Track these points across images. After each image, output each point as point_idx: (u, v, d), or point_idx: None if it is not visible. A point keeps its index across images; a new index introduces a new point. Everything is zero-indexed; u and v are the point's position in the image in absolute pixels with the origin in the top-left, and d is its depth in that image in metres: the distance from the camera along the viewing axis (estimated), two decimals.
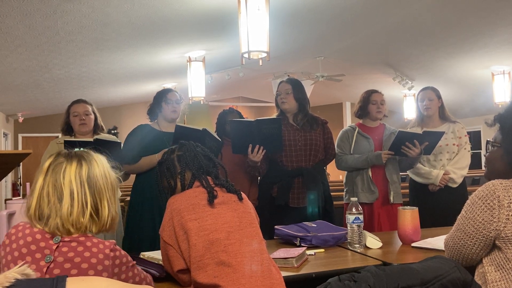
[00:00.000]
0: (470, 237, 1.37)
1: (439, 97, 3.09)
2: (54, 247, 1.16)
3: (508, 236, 1.30)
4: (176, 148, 1.63)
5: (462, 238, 1.39)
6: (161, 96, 2.77)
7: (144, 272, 1.37)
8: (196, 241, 1.38)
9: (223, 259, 1.36)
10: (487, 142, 1.50)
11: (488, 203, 1.32)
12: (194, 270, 1.36)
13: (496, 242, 1.34)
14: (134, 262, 1.30)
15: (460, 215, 1.43)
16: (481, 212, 1.33)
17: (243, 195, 1.57)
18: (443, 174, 2.93)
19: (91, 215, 1.21)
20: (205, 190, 1.50)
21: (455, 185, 2.97)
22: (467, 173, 3.06)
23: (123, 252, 1.25)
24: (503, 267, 1.32)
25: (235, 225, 1.44)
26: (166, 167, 1.60)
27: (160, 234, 1.47)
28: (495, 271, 1.34)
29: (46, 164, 1.24)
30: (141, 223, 2.63)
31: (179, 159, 1.59)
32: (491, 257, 1.37)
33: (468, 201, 1.40)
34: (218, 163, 1.63)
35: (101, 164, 1.27)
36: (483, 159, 1.56)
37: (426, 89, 3.12)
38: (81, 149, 1.30)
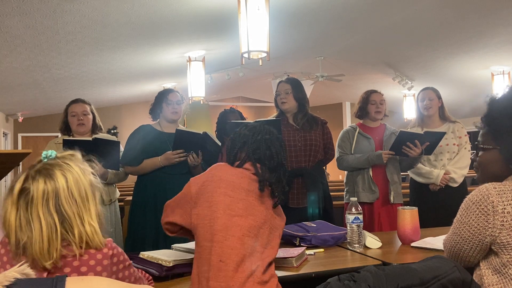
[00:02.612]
0: (466, 241, 1.36)
1: (439, 97, 3.10)
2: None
3: (503, 242, 1.29)
4: (249, 127, 1.61)
5: (458, 242, 1.39)
6: (162, 96, 2.76)
7: (139, 274, 1.36)
8: (221, 215, 1.40)
9: (229, 244, 1.37)
10: (477, 145, 1.46)
11: (483, 209, 1.31)
12: (208, 241, 1.39)
13: (492, 247, 1.33)
14: (131, 261, 1.29)
15: (455, 218, 1.42)
16: (476, 217, 1.33)
17: (279, 208, 1.56)
18: (444, 174, 2.94)
19: (69, 242, 1.13)
20: (254, 175, 1.49)
21: (455, 185, 2.97)
22: (468, 173, 3.07)
23: (120, 249, 1.24)
24: (500, 272, 1.32)
25: (260, 221, 1.44)
26: (232, 138, 1.60)
27: (191, 180, 1.50)
28: (492, 275, 1.34)
29: (16, 191, 1.14)
30: (144, 223, 2.63)
31: (242, 138, 1.58)
32: (488, 261, 1.36)
33: (462, 205, 1.39)
34: (281, 162, 1.56)
35: (70, 179, 1.16)
36: None
37: (426, 89, 3.13)
38: (53, 156, 1.20)
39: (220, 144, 2.71)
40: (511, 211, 1.29)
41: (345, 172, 3.08)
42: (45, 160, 1.19)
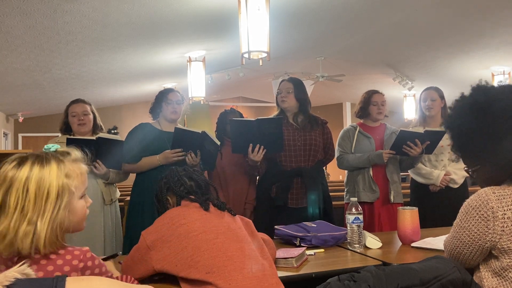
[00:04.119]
0: (466, 246, 1.36)
1: (442, 97, 3.09)
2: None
3: (503, 247, 1.29)
4: (163, 177, 1.72)
5: (458, 246, 1.39)
6: (162, 96, 2.76)
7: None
8: (186, 243, 1.41)
9: (214, 255, 1.40)
10: (469, 172, 1.46)
11: (482, 214, 1.30)
12: (185, 269, 1.39)
13: (492, 251, 1.33)
14: (111, 273, 1.23)
15: (455, 222, 1.41)
16: (475, 222, 1.32)
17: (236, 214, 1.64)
18: (444, 175, 2.93)
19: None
20: (196, 204, 1.56)
21: (456, 186, 2.97)
22: None
23: (97, 262, 1.15)
24: (500, 275, 1.31)
25: (223, 228, 1.49)
26: (155, 195, 1.69)
27: (142, 234, 1.50)
28: (492, 278, 1.33)
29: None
30: (142, 222, 2.62)
31: (164, 185, 1.67)
32: (488, 264, 1.36)
33: (462, 209, 1.38)
34: (207, 182, 1.68)
35: (35, 173, 1.11)
36: None
37: (429, 89, 3.12)
38: (53, 149, 1.19)
39: (219, 143, 2.71)
40: (511, 216, 1.28)
41: (346, 172, 3.08)
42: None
